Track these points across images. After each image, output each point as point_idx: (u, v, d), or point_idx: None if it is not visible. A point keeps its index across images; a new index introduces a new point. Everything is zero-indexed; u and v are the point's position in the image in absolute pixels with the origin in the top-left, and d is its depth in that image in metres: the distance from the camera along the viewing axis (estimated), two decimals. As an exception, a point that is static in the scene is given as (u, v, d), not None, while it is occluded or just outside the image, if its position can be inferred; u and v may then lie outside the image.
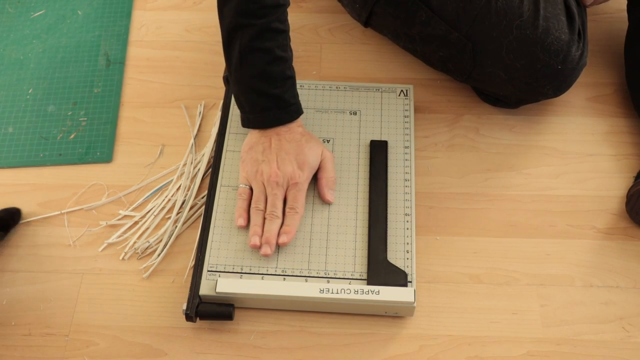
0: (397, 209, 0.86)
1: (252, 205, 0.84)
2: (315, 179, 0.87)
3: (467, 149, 0.96)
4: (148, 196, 0.92)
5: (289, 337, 0.81)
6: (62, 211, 0.90)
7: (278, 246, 0.82)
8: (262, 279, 0.81)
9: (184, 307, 0.79)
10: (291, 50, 0.85)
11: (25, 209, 0.91)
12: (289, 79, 0.84)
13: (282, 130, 0.84)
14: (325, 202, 0.86)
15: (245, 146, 0.87)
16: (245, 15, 0.80)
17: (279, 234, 0.82)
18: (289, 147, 0.84)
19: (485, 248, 0.87)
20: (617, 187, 0.92)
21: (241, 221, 0.84)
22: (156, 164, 0.95)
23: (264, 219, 0.83)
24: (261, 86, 0.82)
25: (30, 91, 1.03)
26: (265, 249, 0.81)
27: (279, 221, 0.83)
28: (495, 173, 0.94)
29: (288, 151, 0.83)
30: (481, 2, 0.87)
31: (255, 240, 0.82)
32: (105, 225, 0.89)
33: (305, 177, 0.84)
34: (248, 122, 0.86)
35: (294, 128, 0.85)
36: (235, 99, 0.87)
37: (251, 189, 0.85)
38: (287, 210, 0.83)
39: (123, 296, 0.84)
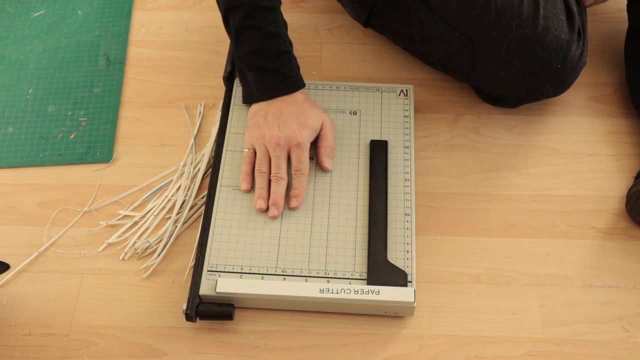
0: (397, 209, 0.86)
1: (256, 168, 0.86)
2: (315, 148, 0.88)
3: (467, 149, 0.96)
4: (148, 196, 0.92)
5: (289, 337, 0.80)
6: (40, 250, 0.87)
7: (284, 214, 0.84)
8: (262, 279, 0.81)
9: (184, 307, 0.79)
10: (285, 26, 0.88)
11: (25, 209, 0.91)
12: (285, 54, 0.87)
13: (285, 97, 0.87)
14: (324, 170, 0.88)
15: (250, 113, 0.89)
16: None
17: (289, 199, 0.85)
18: (290, 110, 0.86)
19: (485, 248, 0.87)
20: (617, 187, 0.92)
21: (245, 185, 0.86)
22: (156, 164, 0.95)
23: (269, 181, 0.85)
24: (258, 62, 0.86)
25: (30, 91, 1.03)
26: (273, 211, 0.83)
27: (285, 182, 0.85)
28: (495, 173, 0.94)
29: (290, 113, 0.85)
30: (481, 1, 0.87)
31: (261, 204, 0.84)
32: (105, 225, 0.89)
33: (306, 137, 0.85)
34: (251, 96, 0.89)
35: (296, 95, 0.87)
36: (239, 77, 0.91)
37: (255, 154, 0.87)
38: (293, 172, 0.85)
39: (123, 296, 0.84)
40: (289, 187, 0.86)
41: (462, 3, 0.88)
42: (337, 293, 0.78)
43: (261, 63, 0.86)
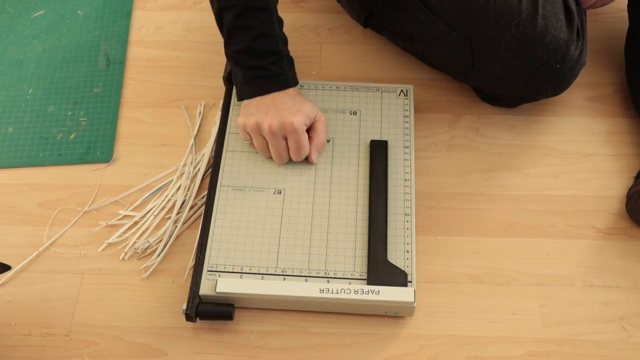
0: (397, 209, 0.86)
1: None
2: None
3: (467, 149, 0.96)
4: (148, 196, 0.92)
5: (289, 337, 0.81)
6: (40, 250, 0.89)
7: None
8: (262, 279, 0.81)
9: (184, 307, 0.79)
10: (280, 29, 0.87)
11: (25, 208, 0.91)
12: (276, 54, 0.86)
13: (277, 92, 0.87)
14: (310, 162, 0.89)
15: (243, 103, 0.89)
16: None
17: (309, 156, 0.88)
18: (284, 99, 0.86)
19: (485, 248, 0.87)
20: (617, 187, 0.92)
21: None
22: (156, 164, 0.95)
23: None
24: (247, 60, 0.86)
25: (30, 91, 1.03)
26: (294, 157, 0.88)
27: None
28: (495, 173, 0.94)
29: (284, 102, 0.86)
30: (480, 1, 0.87)
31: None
32: (105, 225, 0.89)
33: (301, 122, 0.85)
34: (241, 93, 0.88)
35: (289, 90, 0.87)
36: (232, 75, 0.91)
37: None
38: (294, 158, 0.88)
39: (123, 296, 0.84)
40: None
41: (461, 3, 0.88)
42: (337, 293, 0.78)
43: (250, 61, 0.86)
